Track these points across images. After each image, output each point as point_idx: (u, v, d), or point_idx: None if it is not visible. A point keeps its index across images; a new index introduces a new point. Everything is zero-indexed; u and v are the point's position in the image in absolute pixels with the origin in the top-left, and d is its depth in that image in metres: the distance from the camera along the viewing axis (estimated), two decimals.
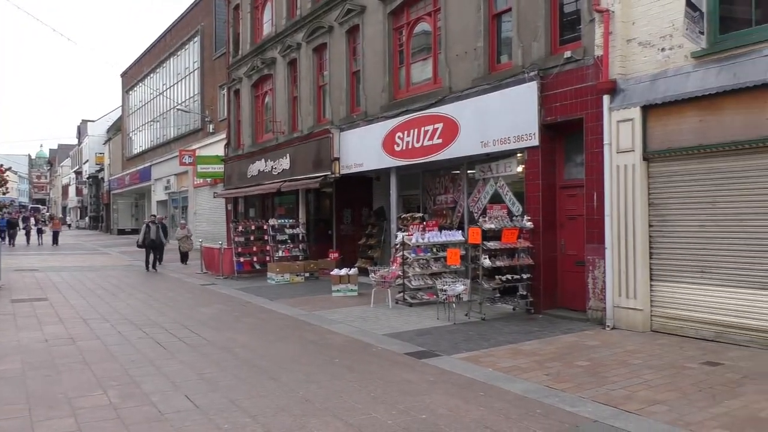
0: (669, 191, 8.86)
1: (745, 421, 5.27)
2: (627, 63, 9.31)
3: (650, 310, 9.05)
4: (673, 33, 8.61)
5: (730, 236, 8.15)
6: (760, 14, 8.06)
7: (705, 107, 8.22)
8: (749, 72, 7.69)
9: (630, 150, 9.15)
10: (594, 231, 9.77)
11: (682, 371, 6.87)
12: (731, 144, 7.97)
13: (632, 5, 9.22)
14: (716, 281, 8.29)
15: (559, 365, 7.30)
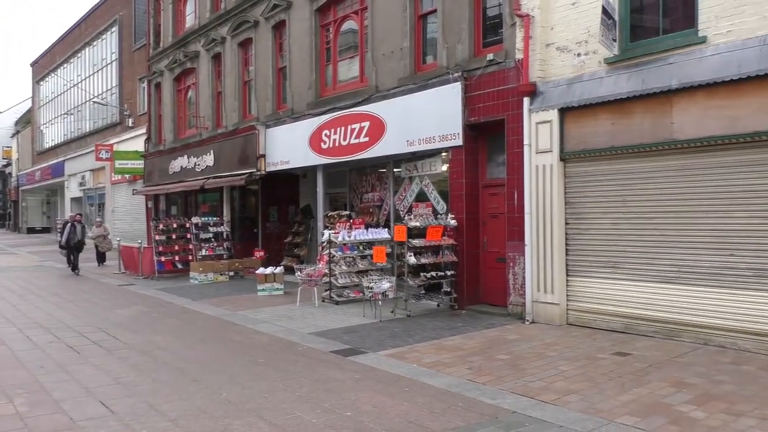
0: (584, 190, 9.28)
1: (651, 406, 5.61)
2: (546, 67, 9.68)
3: (566, 304, 9.45)
4: (589, 39, 9.02)
5: (638, 233, 8.62)
6: (668, 24, 8.57)
7: (616, 111, 8.66)
8: (656, 78, 8.17)
9: (548, 151, 9.51)
10: (515, 229, 10.10)
11: (595, 362, 7.22)
12: (640, 146, 8.44)
13: (551, 11, 9.59)
14: (626, 276, 8.76)
15: (481, 359, 7.51)
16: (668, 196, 8.27)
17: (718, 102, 7.58)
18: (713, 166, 7.81)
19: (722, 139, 7.59)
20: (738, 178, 7.58)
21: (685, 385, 6.22)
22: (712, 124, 7.67)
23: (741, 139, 7.43)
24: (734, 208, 7.62)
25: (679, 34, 8.23)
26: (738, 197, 7.58)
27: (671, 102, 8.06)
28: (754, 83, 7.21)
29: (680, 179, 8.14)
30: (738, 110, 7.41)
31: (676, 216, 8.19)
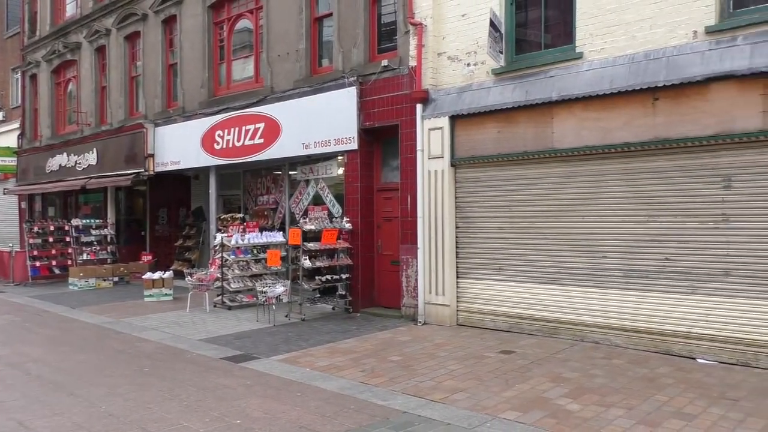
0: (473, 195, 9.64)
1: (532, 401, 5.92)
2: (438, 75, 9.97)
3: (456, 305, 9.78)
4: (478, 50, 9.39)
5: (522, 237, 9.08)
6: (549, 39, 9.10)
7: (503, 120, 9.09)
8: (538, 90, 8.65)
9: (440, 156, 9.80)
10: (408, 232, 10.31)
11: (482, 360, 7.51)
12: (524, 154, 8.89)
13: (443, 21, 9.90)
14: (510, 277, 9.19)
15: (374, 361, 7.59)
16: (549, 201, 8.77)
17: (593, 114, 8.15)
18: (589, 174, 8.37)
19: (597, 149, 8.16)
20: (611, 185, 8.17)
21: (562, 379, 6.62)
22: (587, 135, 8.23)
23: (613, 149, 8.02)
24: (607, 213, 8.21)
25: (559, 50, 8.78)
26: (611, 203, 8.17)
27: (552, 113, 8.57)
28: (624, 97, 7.82)
29: (560, 186, 8.66)
30: (610, 122, 8.00)
31: (556, 220, 8.70)
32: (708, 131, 7.21)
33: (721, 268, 7.25)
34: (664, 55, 7.57)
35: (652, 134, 7.66)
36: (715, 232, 7.29)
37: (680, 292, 7.55)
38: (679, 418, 5.37)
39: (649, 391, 6.14)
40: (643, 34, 7.80)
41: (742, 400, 5.82)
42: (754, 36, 6.94)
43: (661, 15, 7.64)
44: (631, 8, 7.90)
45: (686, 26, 7.45)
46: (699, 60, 7.25)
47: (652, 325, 7.75)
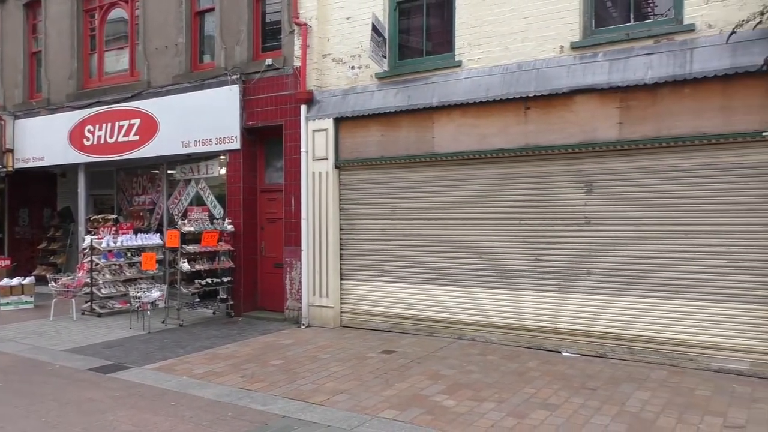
0: (357, 198, 9.71)
1: (410, 399, 6.05)
2: (323, 76, 9.96)
3: (340, 307, 9.81)
4: (362, 53, 9.48)
5: (404, 239, 9.27)
6: (431, 46, 9.37)
7: (386, 123, 9.23)
8: (420, 95, 8.88)
9: (324, 158, 9.79)
10: (292, 234, 10.20)
11: (364, 361, 7.58)
12: (406, 157, 9.09)
13: (328, 23, 9.90)
14: (393, 278, 9.36)
15: (255, 366, 7.43)
16: (430, 204, 9.02)
17: (471, 120, 8.49)
18: (467, 177, 8.70)
19: (474, 154, 8.50)
20: (487, 189, 8.54)
21: (440, 377, 6.83)
22: (466, 140, 8.55)
23: (489, 154, 8.39)
24: (484, 216, 8.57)
25: (440, 57, 9.06)
26: (487, 206, 8.54)
27: (432, 118, 8.82)
28: (499, 105, 8.22)
29: (440, 189, 8.93)
30: (486, 128, 8.37)
31: (436, 223, 8.97)
32: (573, 140, 7.74)
33: (584, 267, 7.80)
34: (535, 67, 8.04)
35: (524, 141, 8.10)
36: (579, 234, 7.84)
37: (549, 290, 8.05)
38: (545, 408, 5.72)
39: (519, 384, 6.48)
40: (516, 47, 8.23)
41: (599, 389, 6.29)
42: (612, 53, 7.55)
43: (532, 29, 8.11)
44: (505, 21, 8.32)
45: (554, 41, 7.95)
46: (565, 73, 7.77)
47: (523, 322, 8.19)
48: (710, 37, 6.96)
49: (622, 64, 7.41)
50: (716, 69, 6.77)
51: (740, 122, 6.75)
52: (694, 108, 6.98)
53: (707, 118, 6.92)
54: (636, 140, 7.33)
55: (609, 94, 7.46)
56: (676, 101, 7.08)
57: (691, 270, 7.11)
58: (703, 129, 6.94)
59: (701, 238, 7.06)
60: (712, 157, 6.98)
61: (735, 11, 6.79)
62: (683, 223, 7.16)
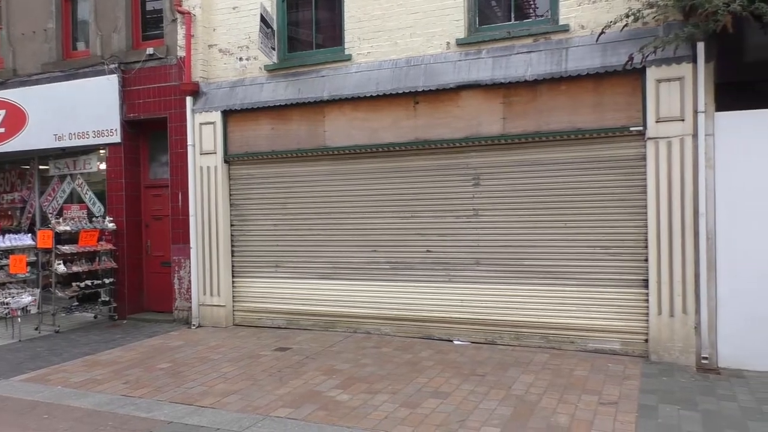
0: (248, 192, 9.47)
1: (304, 396, 5.98)
2: (209, 68, 9.60)
3: (233, 305, 9.54)
4: (250, 45, 9.23)
5: (298, 233, 9.15)
6: (320, 39, 9.29)
7: (276, 117, 9.05)
8: (310, 89, 8.77)
9: (212, 152, 9.45)
10: (180, 231, 9.78)
11: (257, 360, 7.41)
12: (298, 151, 8.96)
13: (213, 12, 9.54)
14: (287, 274, 9.22)
15: (140, 371, 7.06)
16: (323, 198, 8.96)
17: (362, 114, 8.50)
18: (360, 171, 8.71)
19: (365, 148, 8.52)
20: (379, 183, 8.59)
21: (335, 371, 6.81)
22: (357, 134, 8.56)
23: (380, 148, 8.45)
24: (376, 209, 8.62)
25: (330, 50, 9.00)
26: (379, 200, 8.60)
27: (324, 112, 8.75)
28: (389, 100, 8.28)
29: (333, 183, 8.89)
30: (377, 123, 8.41)
31: (329, 217, 8.92)
32: (459, 134, 7.95)
33: (473, 258, 8.06)
34: (423, 62, 8.17)
35: (413, 135, 8.22)
36: (467, 226, 8.08)
37: (440, 281, 8.24)
38: (436, 396, 5.85)
39: (412, 374, 6.60)
40: (404, 42, 8.33)
41: (488, 375, 6.53)
42: (495, 50, 7.82)
43: (419, 25, 8.24)
44: (393, 16, 8.39)
45: (441, 37, 8.13)
46: (452, 69, 7.96)
47: (416, 313, 8.34)
48: (583, 37, 7.39)
49: (505, 61, 7.70)
50: (588, 67, 7.20)
51: (610, 118, 7.22)
52: (570, 104, 7.39)
53: (581, 114, 7.35)
54: (518, 135, 7.65)
55: (493, 90, 7.73)
56: (554, 97, 7.46)
57: (570, 257, 7.54)
58: (578, 124, 7.36)
59: (578, 227, 7.49)
60: (587, 151, 7.42)
61: (604, 13, 7.25)
62: (562, 213, 7.56)
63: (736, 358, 6.65)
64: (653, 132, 6.97)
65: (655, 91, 6.94)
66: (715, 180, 6.74)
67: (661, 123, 6.92)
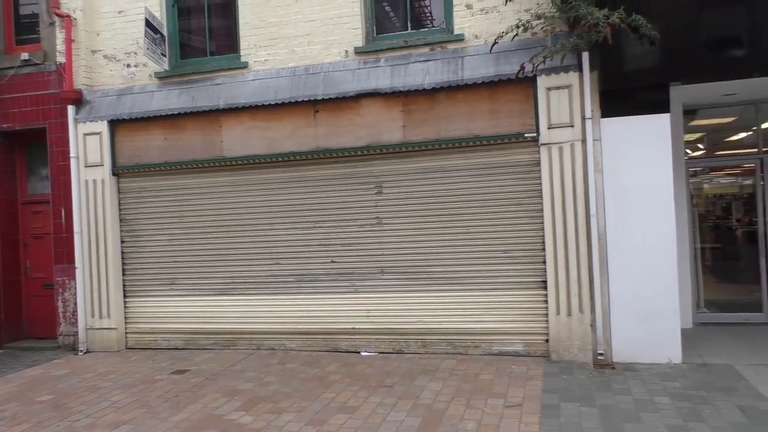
0: (140, 206, 8.92)
1: (203, 421, 5.64)
2: (93, 75, 8.99)
3: (125, 327, 8.93)
4: (138, 51, 8.72)
5: (195, 248, 8.71)
6: (215, 46, 8.94)
7: (169, 126, 8.60)
8: (205, 97, 8.41)
9: (99, 164, 8.84)
10: (63, 250, 9.05)
11: (152, 385, 6.94)
12: (192, 162, 8.55)
13: (96, 15, 8.96)
14: (185, 291, 8.75)
15: (18, 405, 6.41)
16: (222, 211, 8.59)
17: (260, 123, 8.24)
18: (259, 182, 8.44)
19: (264, 158, 8.26)
20: (280, 193, 8.35)
21: (237, 392, 6.48)
22: (255, 144, 8.28)
23: (280, 158, 8.22)
24: (278, 221, 8.37)
25: (225, 57, 8.68)
26: (281, 211, 8.35)
27: (220, 121, 8.41)
28: (288, 108, 8.08)
29: (231, 195, 8.55)
30: (276, 131, 8.18)
31: (229, 230, 8.56)
32: (361, 142, 7.88)
33: (377, 267, 7.99)
34: (322, 70, 8.05)
35: (314, 144, 8.06)
36: (371, 235, 8.01)
37: (345, 291, 8.10)
38: (344, 412, 5.69)
39: (319, 390, 6.40)
40: (302, 50, 8.17)
41: (396, 385, 6.45)
42: (393, 59, 7.83)
43: (317, 33, 8.11)
44: (290, 24, 8.21)
45: (339, 45, 8.04)
46: (351, 77, 7.89)
47: (322, 326, 8.16)
48: (477, 46, 7.55)
49: (403, 69, 7.72)
50: (484, 76, 7.35)
51: (506, 125, 7.41)
52: (468, 112, 7.51)
53: (478, 121, 7.49)
54: (419, 142, 7.69)
55: (392, 98, 7.72)
56: (452, 105, 7.56)
57: (472, 262, 7.63)
58: (476, 131, 7.50)
59: (479, 233, 7.61)
60: (485, 157, 7.57)
61: (496, 24, 7.44)
62: (463, 219, 7.66)
63: (629, 352, 6.97)
64: (546, 138, 7.21)
65: (546, 99, 7.19)
66: (604, 183, 7.07)
67: (553, 129, 7.18)
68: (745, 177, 9.03)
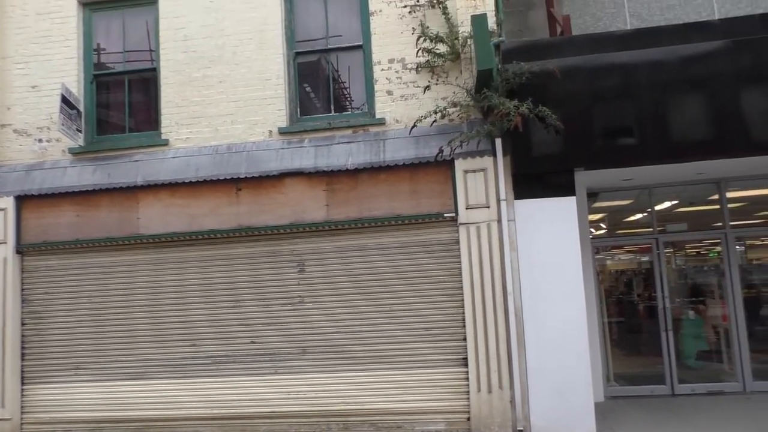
0: (46, 286, 8.43)
1: None
2: (2, 149, 8.63)
3: (21, 417, 8.22)
4: (51, 126, 8.49)
5: (106, 330, 8.25)
6: (134, 123, 8.83)
7: (82, 203, 8.30)
8: (123, 173, 8.23)
9: (2, 242, 8.34)
10: None
11: None
12: (106, 240, 8.24)
13: (8, 90, 8.69)
14: (92, 376, 8.20)
15: None
16: (136, 290, 8.25)
17: (180, 200, 8.12)
18: (178, 260, 8.21)
19: (184, 236, 8.09)
20: (199, 272, 8.15)
21: None
22: (175, 221, 8.12)
23: (200, 236, 8.08)
24: (196, 300, 8.12)
25: (145, 135, 8.59)
26: (200, 290, 8.12)
27: (138, 198, 8.22)
28: (209, 186, 8.04)
29: (147, 273, 8.25)
30: (196, 209, 8.08)
31: (142, 310, 8.21)
32: (284, 220, 7.91)
33: (299, 347, 7.86)
34: (245, 149, 8.12)
35: (236, 222, 8.01)
36: (294, 314, 7.92)
37: (265, 373, 7.88)
38: None
39: None
40: (225, 128, 8.24)
41: None
42: (317, 140, 8.04)
43: (241, 113, 8.23)
44: (213, 103, 8.30)
45: (263, 125, 8.18)
46: (275, 156, 8.00)
47: (240, 410, 7.84)
48: (398, 130, 7.90)
49: (327, 150, 7.93)
50: (404, 158, 7.67)
51: (426, 205, 7.69)
52: (390, 192, 7.75)
53: (400, 200, 7.74)
54: (342, 221, 7.81)
55: (316, 178, 7.87)
56: (375, 185, 7.79)
57: (394, 341, 7.67)
58: (398, 210, 7.73)
59: (401, 311, 7.70)
60: (407, 236, 7.77)
61: (415, 109, 7.84)
62: (386, 297, 7.74)
63: (547, 427, 7.14)
64: (464, 218, 7.53)
65: (463, 181, 7.57)
66: (519, 260, 7.41)
67: (471, 210, 7.52)
68: (644, 254, 9.73)
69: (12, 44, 8.77)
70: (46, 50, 8.69)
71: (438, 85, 7.83)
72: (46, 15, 8.76)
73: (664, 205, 9.54)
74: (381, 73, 8.07)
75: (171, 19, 8.53)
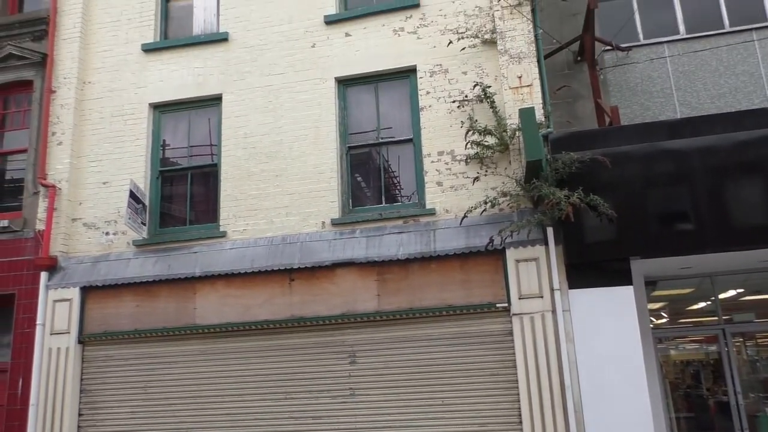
0: (104, 376, 8.59)
1: None
2: (71, 242, 9.10)
3: None
4: (118, 219, 8.95)
5: (158, 421, 8.28)
6: (194, 216, 9.22)
7: (142, 293, 8.58)
8: (181, 264, 8.52)
9: (65, 332, 8.64)
10: (15, 425, 8.50)
11: None
12: (164, 330, 8.42)
13: (81, 186, 9.28)
14: None
15: None
16: (188, 380, 8.31)
17: (235, 291, 8.30)
18: (231, 351, 8.29)
19: (238, 326, 8.21)
20: (251, 362, 8.18)
21: None
22: (229, 311, 8.27)
23: (253, 326, 8.17)
24: (248, 391, 8.10)
25: (204, 227, 8.94)
26: (251, 381, 8.12)
27: (195, 288, 8.45)
28: (263, 277, 8.21)
29: (201, 363, 8.34)
30: (251, 300, 8.22)
31: (194, 401, 8.22)
32: (336, 311, 7.95)
33: None
34: (299, 240, 8.32)
35: (289, 312, 8.09)
36: (344, 407, 7.78)
37: None
38: None
39: None
40: (280, 220, 8.51)
41: None
42: (368, 230, 8.18)
43: (295, 205, 8.51)
44: (269, 197, 8.62)
45: (316, 217, 8.41)
46: (327, 247, 8.16)
47: None
48: (448, 220, 7.98)
49: (378, 240, 8.04)
50: (455, 248, 7.69)
51: (477, 295, 7.61)
52: (440, 282, 7.73)
53: (451, 290, 7.69)
54: (393, 311, 7.79)
55: (367, 268, 7.94)
56: (425, 275, 7.79)
57: None
58: (449, 301, 7.67)
59: (455, 405, 7.47)
60: (458, 327, 7.66)
61: (465, 200, 7.93)
62: (438, 390, 7.55)
63: None
64: (517, 308, 7.40)
65: (515, 270, 7.49)
66: (576, 353, 7.15)
67: (524, 300, 7.40)
68: (710, 344, 9.24)
69: (88, 144, 9.44)
70: (117, 149, 9.31)
71: (487, 175, 7.95)
72: (120, 117, 9.45)
73: (728, 293, 9.14)
74: (431, 165, 8.26)
75: (233, 118, 9.06)
